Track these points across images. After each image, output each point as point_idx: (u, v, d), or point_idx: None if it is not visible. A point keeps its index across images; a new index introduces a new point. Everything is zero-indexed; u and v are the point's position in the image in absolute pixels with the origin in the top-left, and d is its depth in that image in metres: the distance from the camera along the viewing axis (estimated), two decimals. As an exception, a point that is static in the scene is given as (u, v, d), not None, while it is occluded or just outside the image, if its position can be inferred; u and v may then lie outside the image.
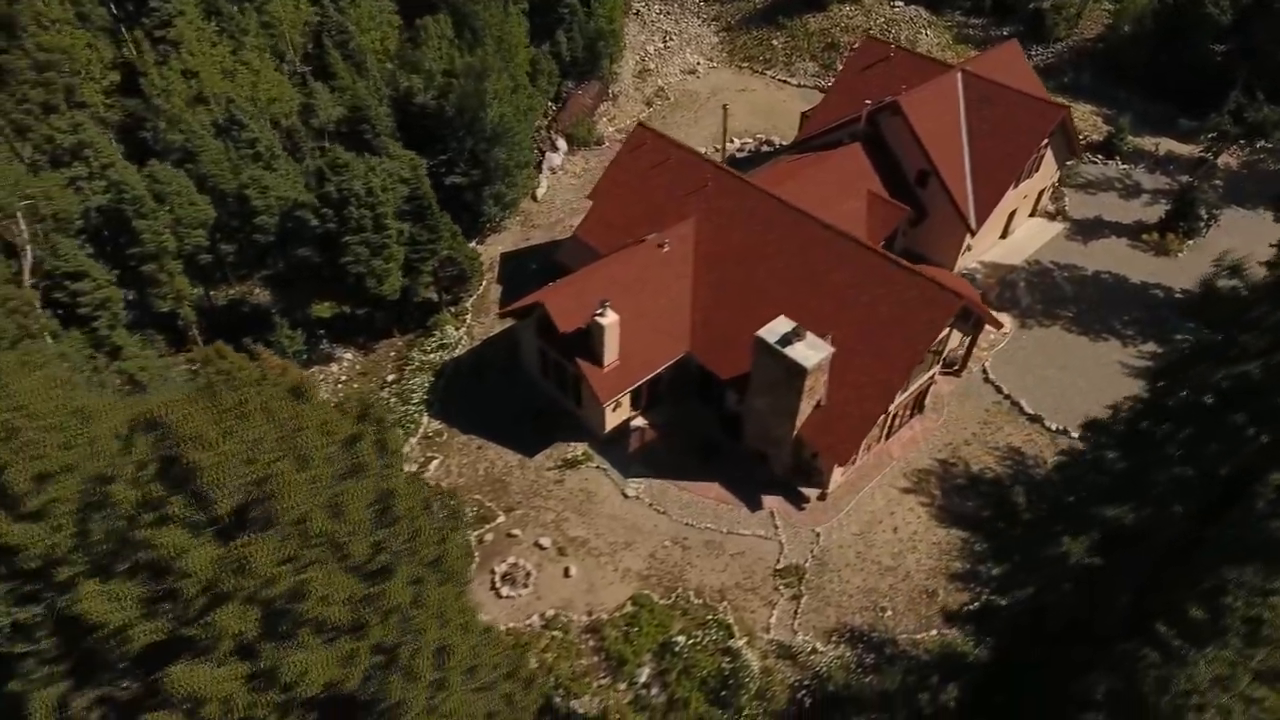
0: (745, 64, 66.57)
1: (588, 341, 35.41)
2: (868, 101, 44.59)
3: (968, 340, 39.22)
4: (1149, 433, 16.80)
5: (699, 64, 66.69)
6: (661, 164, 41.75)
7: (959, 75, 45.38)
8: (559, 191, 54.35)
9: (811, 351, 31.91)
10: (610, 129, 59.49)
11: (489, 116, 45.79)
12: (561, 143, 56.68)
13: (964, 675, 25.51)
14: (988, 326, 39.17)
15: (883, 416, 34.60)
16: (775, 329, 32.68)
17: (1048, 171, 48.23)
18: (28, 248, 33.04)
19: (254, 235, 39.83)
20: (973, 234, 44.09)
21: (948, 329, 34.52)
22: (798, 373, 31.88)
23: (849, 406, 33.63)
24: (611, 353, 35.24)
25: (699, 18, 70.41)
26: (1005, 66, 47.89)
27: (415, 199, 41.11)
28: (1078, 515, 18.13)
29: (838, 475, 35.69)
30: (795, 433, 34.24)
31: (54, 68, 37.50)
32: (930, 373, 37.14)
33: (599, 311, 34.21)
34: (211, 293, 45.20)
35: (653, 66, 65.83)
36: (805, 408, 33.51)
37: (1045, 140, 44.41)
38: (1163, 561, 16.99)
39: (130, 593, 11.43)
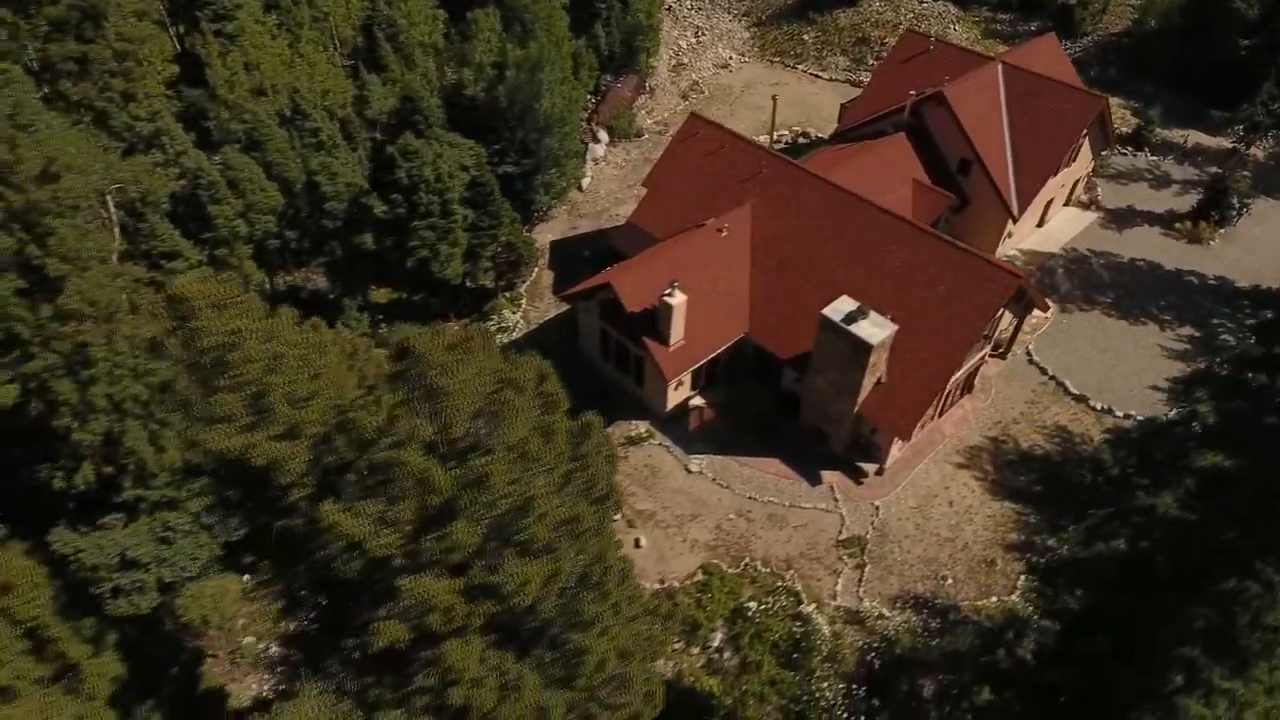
0: (777, 58, 67.87)
1: (654, 321, 36.62)
2: (912, 92, 45.82)
3: (1014, 323, 40.45)
4: (1246, 383, 18.04)
5: (731, 58, 67.97)
6: (715, 152, 42.98)
7: (1000, 67, 46.67)
8: (602, 182, 55.62)
9: (876, 329, 33.17)
10: (649, 121, 60.77)
11: (543, 107, 47.01)
12: (603, 134, 57.96)
13: (1038, 633, 26.79)
14: (1034, 310, 40.41)
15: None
16: (839, 308, 33.94)
17: (1084, 161, 49.55)
18: (116, 230, 34.19)
19: (323, 221, 41.02)
20: (1015, 221, 45.39)
21: (1002, 309, 35.74)
22: (863, 349, 33.13)
23: (909, 383, 34.88)
24: (678, 332, 36.47)
25: (729, 13, 71.62)
26: (1043, 58, 49.22)
27: (476, 186, 42.33)
28: (1168, 467, 19.39)
29: (895, 451, 36.94)
30: (856, 409, 35.48)
31: (132, 57, 38.63)
32: (981, 353, 38.38)
33: (667, 292, 35.42)
34: (273, 278, 46.36)
35: (686, 61, 67.09)
36: (868, 384, 34.76)
37: (1084, 130, 45.68)
38: (1257, 510, 18.22)
39: (368, 510, 12.65)
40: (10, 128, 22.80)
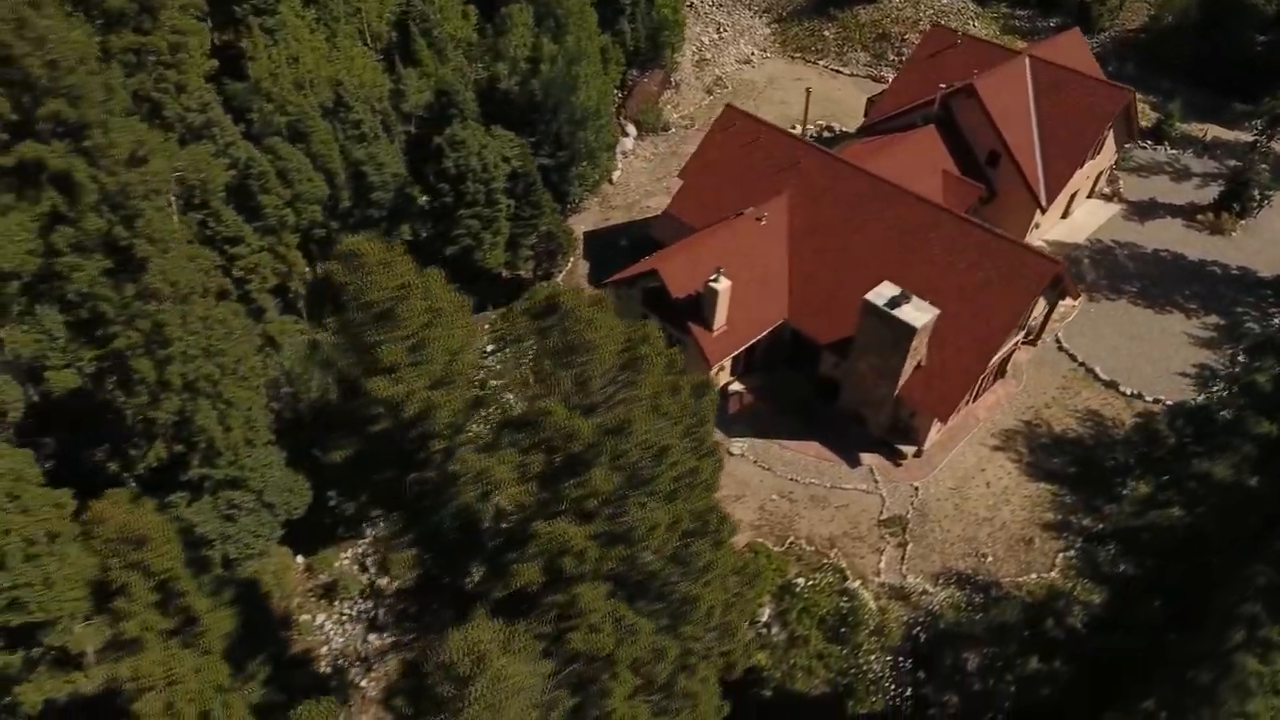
0: (798, 54, 68.82)
1: (698, 308, 37.50)
2: (942, 85, 46.72)
3: (1046, 309, 41.37)
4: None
5: (753, 54, 68.91)
6: (752, 143, 43.87)
7: (1027, 60, 47.58)
8: (632, 174, 56.55)
9: (919, 313, 34.07)
10: (675, 116, 61.66)
11: (579, 100, 47.92)
12: (631, 128, 58.89)
13: (1084, 605, 27.66)
14: (1064, 298, 41.34)
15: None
16: (882, 293, 34.83)
17: (1108, 154, 50.48)
18: (174, 216, 35.03)
19: (369, 210, 41.88)
20: (1043, 211, 46.32)
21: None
22: (907, 333, 34.02)
23: (948, 366, 35.79)
24: (721, 317, 37.35)
25: (750, 9, 72.53)
26: (1067, 53, 50.16)
27: (517, 176, 43.25)
28: (1229, 434, 20.27)
29: (933, 434, 37.83)
30: (897, 392, 36.37)
31: (184, 49, 39.45)
32: (1015, 339, 39.29)
33: (713, 278, 36.30)
34: (315, 267, 47.18)
35: (709, 56, 68.01)
36: (908, 368, 35.66)
37: (1111, 122, 46.59)
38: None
39: (509, 459, 13.51)
40: (103, 112, 23.65)
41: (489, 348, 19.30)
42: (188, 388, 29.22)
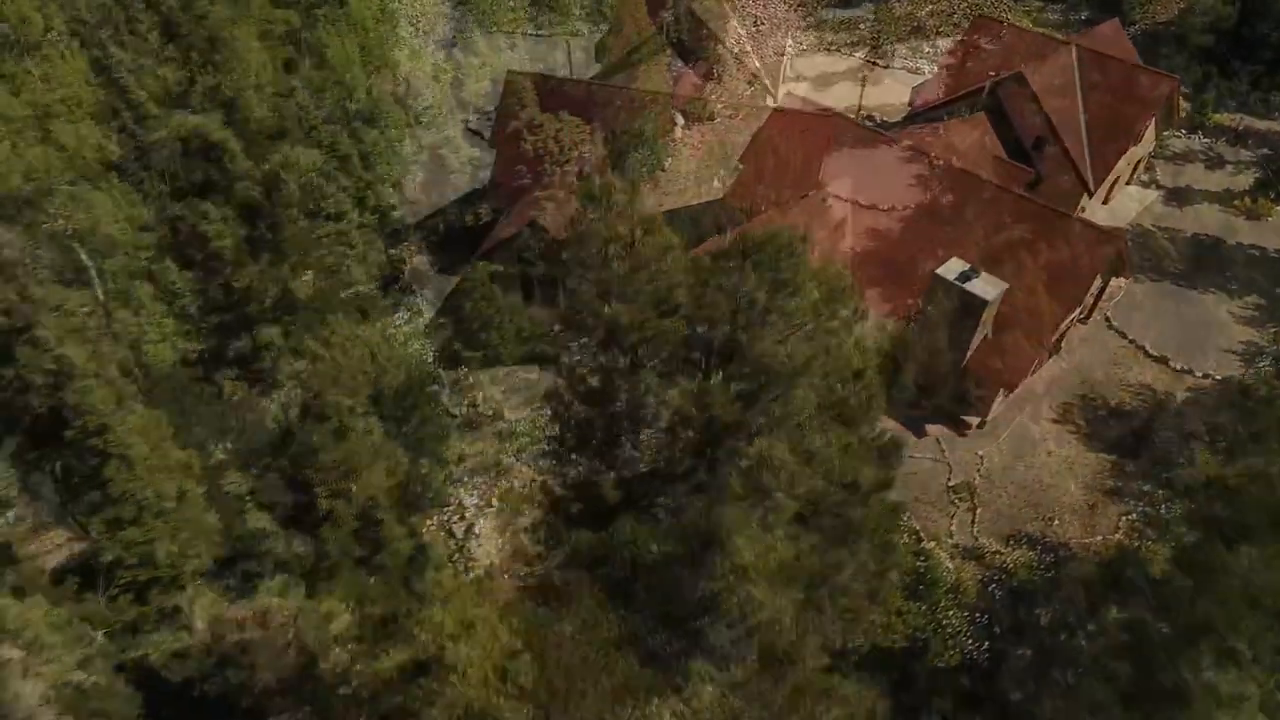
0: (833, 47, 70.42)
1: (771, 283, 39.00)
2: (991, 73, 48.30)
3: (1100, 287, 42.95)
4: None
5: (789, 46, 70.42)
6: (809, 129, 45.39)
7: (1074, 49, 49.17)
8: (681, 163, 57.99)
9: (989, 286, 35.64)
10: (718, 106, 63.11)
11: (635, 88, 49.46)
12: (679, 118, 60.30)
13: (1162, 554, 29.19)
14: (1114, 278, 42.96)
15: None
16: (952, 268, 36.39)
17: (1149, 141, 52.07)
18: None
19: (445, 190, 43.41)
20: (1090, 196, 47.88)
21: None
22: (977, 305, 35.59)
23: (1015, 339, 37.37)
24: (794, 293, 38.85)
25: (785, 2, 74.03)
26: (1108, 43, 51.77)
27: (584, 159, 44.76)
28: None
29: (996, 405, 39.38)
30: (964, 364, 37.94)
31: (272, 37, 40.98)
32: (1072, 316, 40.85)
33: (788, 254, 37.78)
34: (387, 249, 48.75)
35: (748, 49, 69.44)
36: (976, 340, 37.23)
37: (1155, 110, 48.19)
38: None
39: (718, 385, 15.05)
40: (273, 94, 25.13)
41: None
42: (295, 352, 30.69)
